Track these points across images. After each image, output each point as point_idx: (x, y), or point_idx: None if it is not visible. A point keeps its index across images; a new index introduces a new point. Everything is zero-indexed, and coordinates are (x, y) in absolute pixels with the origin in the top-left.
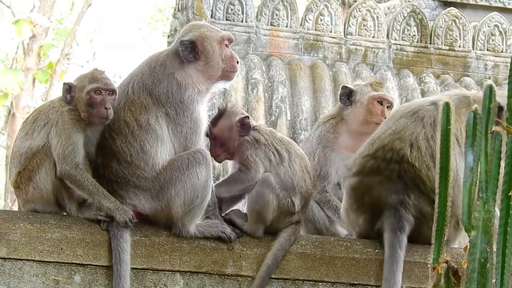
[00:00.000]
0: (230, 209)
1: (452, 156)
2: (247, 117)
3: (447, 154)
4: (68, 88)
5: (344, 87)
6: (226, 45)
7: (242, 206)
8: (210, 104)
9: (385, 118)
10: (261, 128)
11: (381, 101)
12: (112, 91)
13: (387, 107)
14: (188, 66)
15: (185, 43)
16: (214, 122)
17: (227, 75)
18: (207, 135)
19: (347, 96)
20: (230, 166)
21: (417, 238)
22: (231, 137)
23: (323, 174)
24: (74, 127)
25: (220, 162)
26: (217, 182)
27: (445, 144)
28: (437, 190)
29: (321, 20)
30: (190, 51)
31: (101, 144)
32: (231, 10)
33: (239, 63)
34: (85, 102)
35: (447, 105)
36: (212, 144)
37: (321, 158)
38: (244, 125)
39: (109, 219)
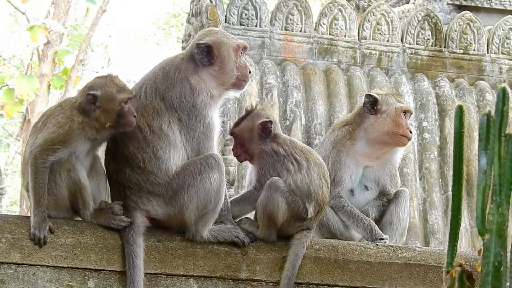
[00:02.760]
0: (239, 219)
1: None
2: (270, 121)
3: (461, 158)
4: (93, 99)
5: (369, 95)
6: (241, 54)
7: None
8: (224, 109)
9: (410, 131)
10: (280, 139)
11: (405, 113)
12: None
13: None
14: (202, 71)
15: (202, 46)
16: (239, 121)
17: (239, 83)
18: (230, 134)
19: (371, 104)
20: (248, 172)
21: None
22: (251, 139)
23: (338, 179)
24: (77, 137)
25: (241, 162)
26: (230, 199)
27: (459, 147)
28: (450, 193)
29: (335, 24)
30: (205, 55)
31: (113, 149)
32: (245, 15)
33: (253, 69)
34: (115, 113)
35: (460, 108)
36: (234, 143)
37: (336, 163)
38: (265, 130)
39: (122, 227)
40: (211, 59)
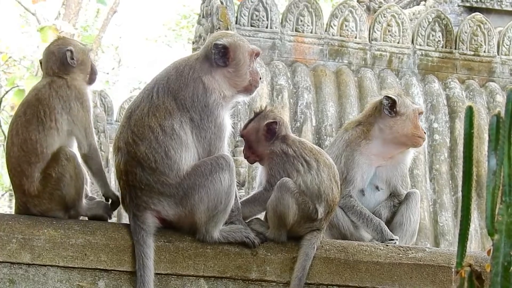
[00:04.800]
0: (249, 219)
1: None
2: (275, 122)
3: (471, 159)
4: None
5: (388, 97)
6: (254, 59)
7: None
8: (235, 111)
9: (424, 132)
10: (290, 140)
11: (420, 114)
12: None
13: None
14: (216, 71)
15: (219, 46)
16: (248, 123)
17: (250, 88)
18: (240, 136)
19: (390, 106)
20: (258, 173)
21: None
22: (258, 140)
23: (349, 178)
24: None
25: (251, 164)
26: (240, 200)
27: (469, 148)
28: (460, 195)
29: (346, 26)
30: (221, 56)
31: (123, 150)
32: (256, 16)
33: (263, 71)
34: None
35: (470, 110)
36: (244, 145)
37: (349, 162)
38: (270, 131)
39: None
40: (227, 61)
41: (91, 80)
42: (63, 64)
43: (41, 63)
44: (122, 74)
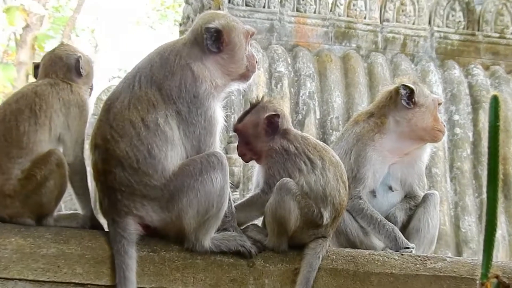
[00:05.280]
0: (245, 226)
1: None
2: (277, 115)
3: (496, 155)
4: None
5: (405, 87)
6: (249, 41)
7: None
8: (228, 102)
9: (444, 125)
10: (291, 135)
11: (439, 105)
12: None
13: None
14: (207, 58)
15: (211, 30)
16: (242, 116)
17: (247, 74)
18: (234, 131)
19: (408, 96)
20: (255, 173)
21: None
22: (256, 135)
23: (360, 176)
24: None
25: (246, 162)
26: (235, 204)
27: (494, 143)
28: (485, 196)
29: (354, 5)
30: (214, 40)
31: (101, 147)
32: None
33: (260, 56)
34: None
35: (495, 99)
36: (239, 141)
37: (360, 158)
38: (272, 124)
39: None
40: (220, 46)
41: (89, 94)
42: (70, 70)
43: (36, 67)
44: (99, 61)
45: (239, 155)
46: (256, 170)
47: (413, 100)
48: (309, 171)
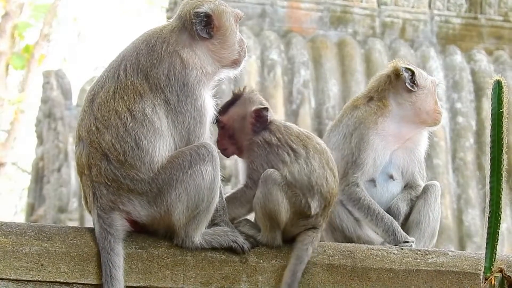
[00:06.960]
0: (237, 221)
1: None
2: (266, 109)
3: (500, 143)
4: None
5: (408, 69)
6: (238, 25)
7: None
8: (218, 90)
9: None
10: (273, 126)
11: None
12: None
13: None
14: (197, 44)
15: (201, 15)
16: (226, 108)
17: (238, 60)
18: (214, 122)
19: (410, 79)
20: (240, 169)
21: None
22: (242, 129)
23: (359, 161)
24: None
25: (227, 157)
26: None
27: (497, 131)
28: (488, 186)
29: None
30: (204, 25)
31: (86, 139)
32: None
33: (251, 43)
34: None
35: (498, 85)
36: (220, 134)
37: (362, 142)
38: (260, 118)
39: None
40: (211, 31)
41: None
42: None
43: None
44: (83, 50)
45: (220, 149)
46: (239, 165)
47: (415, 82)
48: (292, 161)
